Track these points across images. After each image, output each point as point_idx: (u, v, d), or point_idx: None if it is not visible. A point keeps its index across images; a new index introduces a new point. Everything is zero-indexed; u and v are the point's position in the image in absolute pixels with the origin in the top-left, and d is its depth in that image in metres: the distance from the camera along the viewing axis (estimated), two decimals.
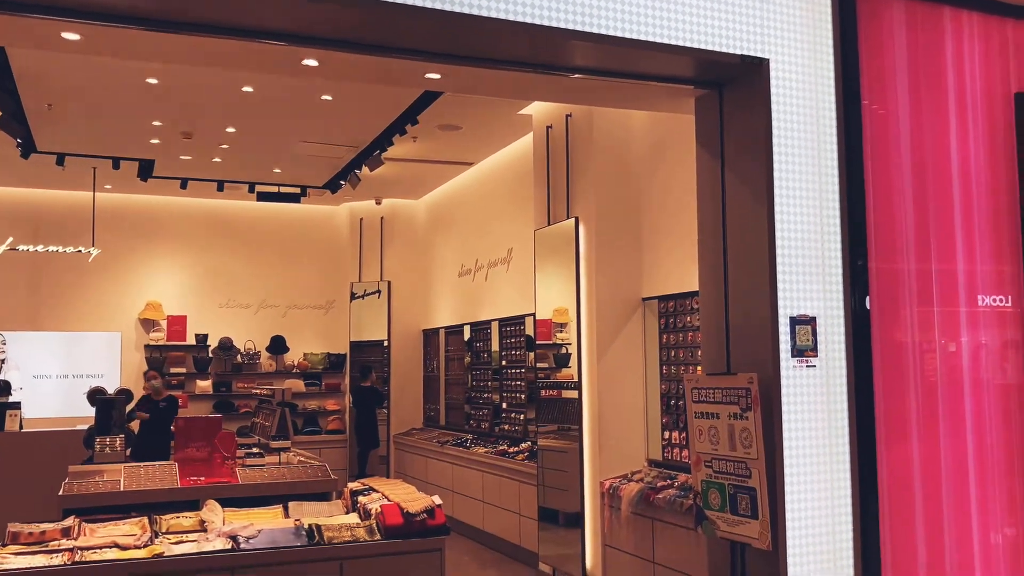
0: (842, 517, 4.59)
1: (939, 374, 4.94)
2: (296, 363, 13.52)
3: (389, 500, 4.76)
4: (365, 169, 10.24)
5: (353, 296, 13.22)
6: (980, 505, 4.97)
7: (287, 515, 4.98)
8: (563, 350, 7.07)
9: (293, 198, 12.29)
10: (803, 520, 4.45)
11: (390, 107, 8.45)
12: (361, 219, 13.30)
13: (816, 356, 4.60)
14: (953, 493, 4.90)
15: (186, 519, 4.82)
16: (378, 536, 4.50)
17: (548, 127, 7.61)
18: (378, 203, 13.22)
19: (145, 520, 4.73)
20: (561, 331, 7.09)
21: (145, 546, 4.33)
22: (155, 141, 9.85)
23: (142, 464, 6.32)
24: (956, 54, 5.19)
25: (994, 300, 5.20)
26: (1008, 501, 5.06)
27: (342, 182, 11.38)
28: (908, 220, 4.93)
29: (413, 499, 4.73)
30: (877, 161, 4.88)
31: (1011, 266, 5.28)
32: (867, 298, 4.71)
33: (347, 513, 5.05)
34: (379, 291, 13.03)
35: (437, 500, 4.66)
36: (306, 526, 4.56)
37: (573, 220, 7.03)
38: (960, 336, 5.06)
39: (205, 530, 4.60)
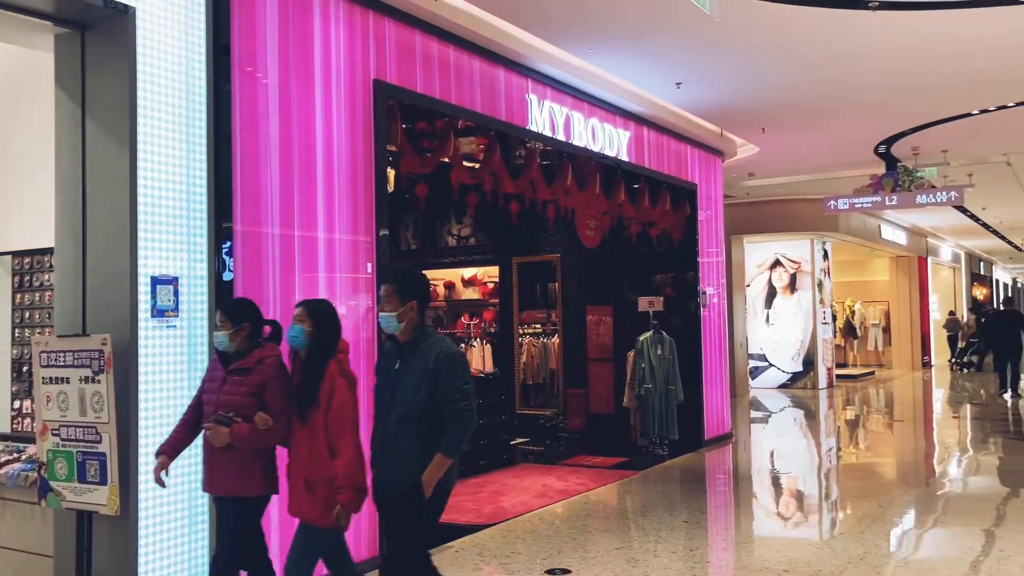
0: (198, 478, 4.62)
1: None
2: None
3: None
4: None
5: None
6: None
7: None
8: None
9: None
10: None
11: None
12: None
13: (177, 316, 4.56)
14: None
15: None
16: None
17: None
18: None
19: None
20: None
21: None
22: None
23: None
24: (324, 35, 5.56)
25: (355, 267, 5.71)
26: None
27: None
28: (274, 187, 5.15)
29: None
30: (247, 127, 4.99)
31: (367, 236, 5.86)
32: (231, 260, 4.81)
33: None
34: None
35: None
36: None
37: None
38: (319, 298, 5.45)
39: None
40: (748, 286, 17.71)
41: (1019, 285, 48.45)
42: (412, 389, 3.87)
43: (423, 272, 4.40)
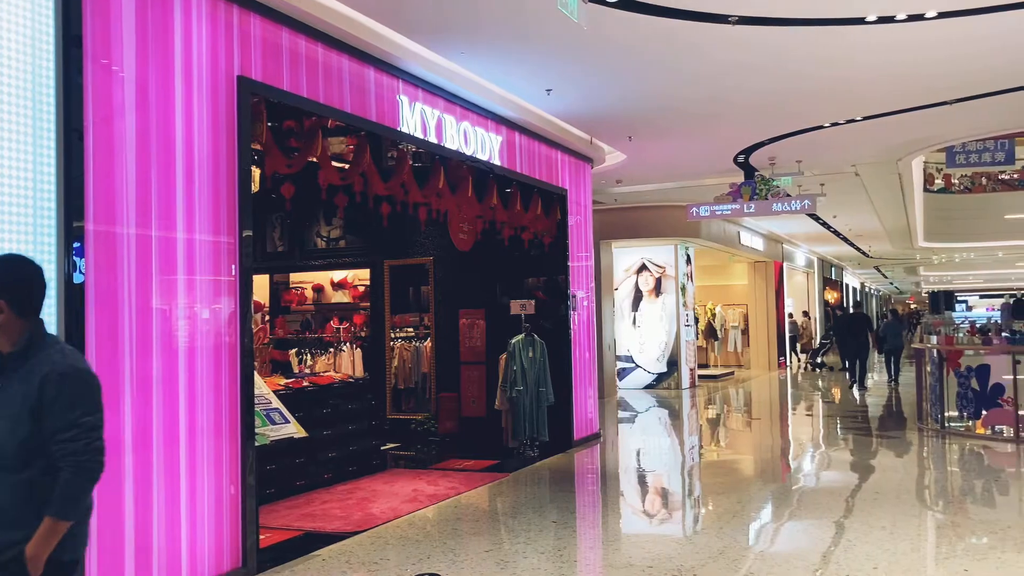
0: None
1: (156, 339, 5.04)
2: None
3: None
4: None
5: None
6: (189, 464, 5.23)
7: None
8: None
9: None
10: None
11: None
12: None
13: None
14: (164, 454, 5.07)
15: None
16: None
17: None
18: None
19: None
20: None
21: None
22: None
23: None
24: (185, 29, 5.34)
25: (217, 270, 5.51)
26: (217, 459, 5.43)
27: None
28: (130, 185, 4.91)
29: None
30: (101, 121, 4.74)
31: (230, 237, 5.66)
32: (83, 261, 4.55)
33: None
34: None
35: None
36: None
37: None
38: (178, 302, 5.24)
39: None
40: (616, 290, 18.14)
41: (867, 289, 51.58)
42: (10, 422, 2.78)
43: (33, 263, 3.01)
